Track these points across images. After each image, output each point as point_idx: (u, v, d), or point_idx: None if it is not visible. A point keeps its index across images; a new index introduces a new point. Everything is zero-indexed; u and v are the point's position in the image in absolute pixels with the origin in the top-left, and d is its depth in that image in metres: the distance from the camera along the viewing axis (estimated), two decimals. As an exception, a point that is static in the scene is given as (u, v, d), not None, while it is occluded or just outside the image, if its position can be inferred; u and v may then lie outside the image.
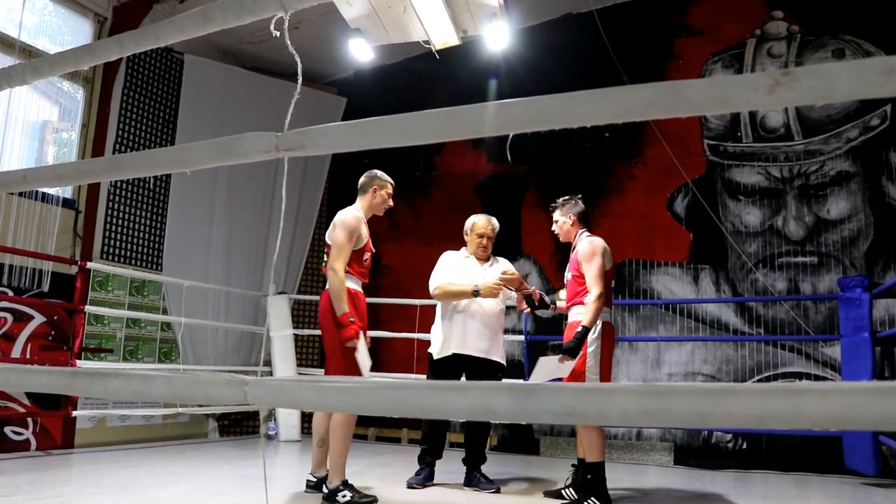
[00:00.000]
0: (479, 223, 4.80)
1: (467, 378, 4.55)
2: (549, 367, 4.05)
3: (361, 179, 4.20)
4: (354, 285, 4.01)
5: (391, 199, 4.25)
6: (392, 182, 4.26)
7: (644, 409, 0.96)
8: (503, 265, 4.80)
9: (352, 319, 3.85)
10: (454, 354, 4.57)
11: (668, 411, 0.95)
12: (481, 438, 4.78)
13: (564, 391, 1.01)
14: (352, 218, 3.98)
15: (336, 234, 3.93)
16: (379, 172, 4.22)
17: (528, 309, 4.58)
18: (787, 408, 0.91)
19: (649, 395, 0.97)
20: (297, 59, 1.31)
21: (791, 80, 1.00)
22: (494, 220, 4.85)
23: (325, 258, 4.05)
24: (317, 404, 1.18)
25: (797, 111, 6.91)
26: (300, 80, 1.34)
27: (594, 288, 4.04)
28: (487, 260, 4.82)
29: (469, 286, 4.49)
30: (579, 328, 3.98)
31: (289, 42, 1.31)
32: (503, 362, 4.68)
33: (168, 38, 1.46)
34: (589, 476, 4.03)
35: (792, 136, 6.91)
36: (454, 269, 4.72)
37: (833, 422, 0.89)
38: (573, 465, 4.42)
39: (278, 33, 1.38)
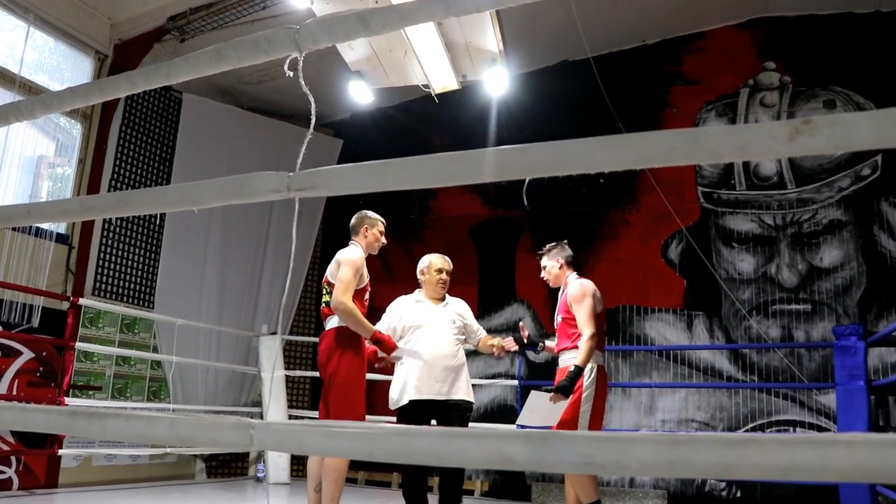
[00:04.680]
0: (436, 260, 4.57)
1: (423, 420, 4.44)
2: (541, 405, 3.93)
3: (352, 221, 4.19)
4: None
5: (384, 237, 4.21)
6: (382, 220, 4.23)
7: (666, 459, 0.94)
8: (456, 305, 4.60)
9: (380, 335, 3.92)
10: (411, 402, 4.31)
11: (691, 462, 0.93)
12: (455, 482, 4.63)
13: (582, 440, 0.99)
14: (357, 257, 3.97)
15: (343, 271, 3.88)
16: (368, 212, 4.22)
17: (517, 347, 4.47)
18: (813, 459, 0.89)
19: (670, 444, 0.95)
20: (311, 98, 1.31)
21: (811, 128, 1.00)
22: (444, 258, 4.67)
23: (326, 298, 3.98)
24: (326, 450, 1.15)
25: (790, 160, 6.98)
26: (313, 120, 1.33)
27: (586, 328, 3.95)
28: (442, 300, 4.63)
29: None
30: (572, 367, 3.89)
31: (303, 82, 1.31)
32: (469, 399, 4.44)
33: (180, 76, 1.46)
34: None
35: (785, 185, 6.97)
36: (409, 314, 4.47)
37: (861, 474, 0.87)
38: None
39: (291, 73, 1.38)
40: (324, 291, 4.06)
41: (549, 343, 4.46)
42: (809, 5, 7.05)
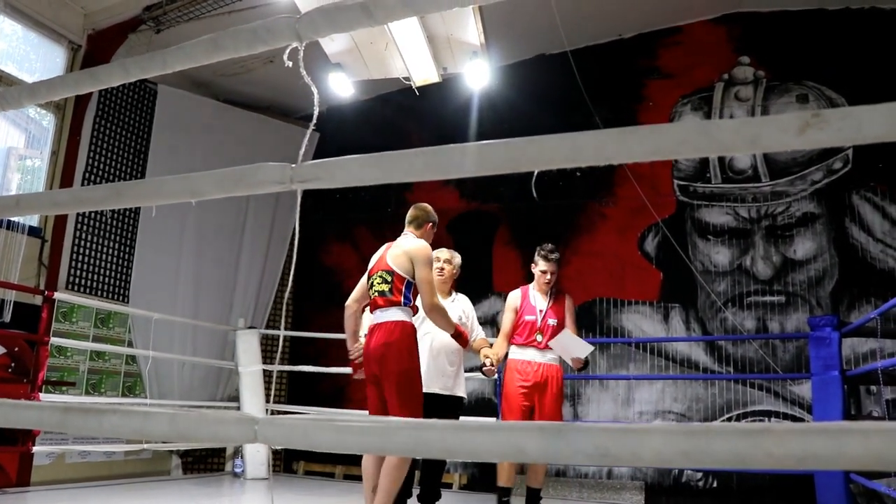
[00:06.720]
0: (437, 252, 4.55)
1: (428, 415, 4.40)
2: (569, 342, 4.49)
3: (415, 212, 3.98)
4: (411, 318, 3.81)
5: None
6: None
7: (681, 450, 0.95)
8: (463, 302, 4.68)
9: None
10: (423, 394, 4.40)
11: (706, 452, 0.94)
12: (435, 474, 4.62)
13: (598, 432, 0.99)
14: (431, 254, 3.84)
15: (425, 272, 3.73)
16: (432, 210, 4.04)
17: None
18: (828, 448, 0.90)
19: (686, 435, 0.95)
20: (314, 89, 1.30)
21: (821, 121, 1.01)
22: (455, 253, 4.71)
23: (382, 287, 3.73)
24: (334, 445, 1.13)
25: (764, 153, 7.07)
26: (316, 110, 1.32)
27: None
28: (448, 294, 4.67)
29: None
30: (586, 357, 4.59)
31: (304, 72, 1.29)
32: (464, 396, 4.57)
33: (176, 65, 1.43)
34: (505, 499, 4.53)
35: (759, 178, 7.06)
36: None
37: (877, 462, 0.88)
38: None
39: (291, 63, 1.37)
40: (378, 280, 3.77)
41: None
42: (782, 1, 7.13)
